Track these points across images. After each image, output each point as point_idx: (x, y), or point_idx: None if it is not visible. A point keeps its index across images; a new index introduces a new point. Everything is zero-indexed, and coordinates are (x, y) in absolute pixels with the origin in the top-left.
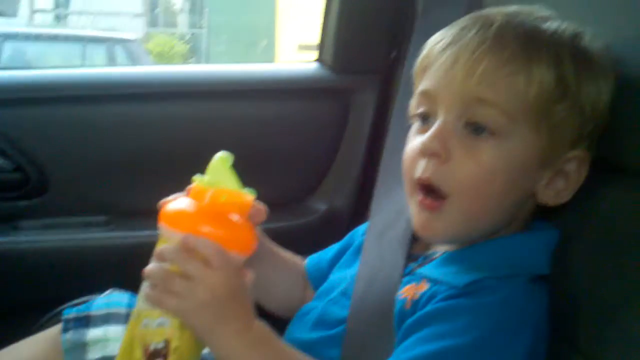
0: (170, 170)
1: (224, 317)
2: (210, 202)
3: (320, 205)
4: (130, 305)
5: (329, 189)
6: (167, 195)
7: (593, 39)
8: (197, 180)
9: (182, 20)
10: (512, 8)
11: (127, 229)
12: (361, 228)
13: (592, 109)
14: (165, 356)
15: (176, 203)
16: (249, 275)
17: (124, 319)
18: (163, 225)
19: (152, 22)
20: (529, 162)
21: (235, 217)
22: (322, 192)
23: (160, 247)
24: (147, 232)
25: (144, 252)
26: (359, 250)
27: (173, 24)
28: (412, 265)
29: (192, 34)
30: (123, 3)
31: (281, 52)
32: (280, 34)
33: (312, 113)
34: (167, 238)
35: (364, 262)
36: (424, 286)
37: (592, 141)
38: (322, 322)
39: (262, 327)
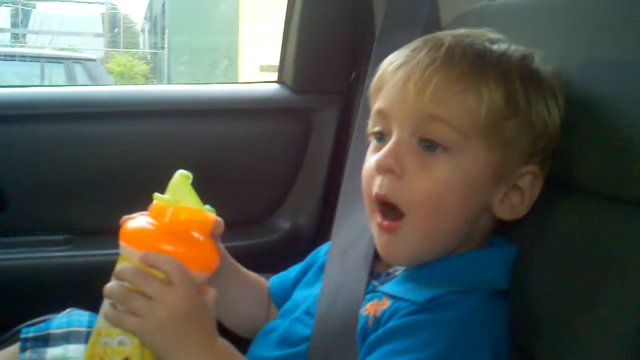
0: (131, 189)
1: (184, 336)
2: (170, 220)
3: (283, 224)
4: (90, 325)
5: (292, 207)
6: (129, 214)
7: (542, 61)
8: (158, 199)
9: (143, 41)
10: (463, 31)
11: (88, 247)
12: (324, 247)
13: (543, 126)
14: None
15: (136, 221)
16: (211, 293)
17: (85, 338)
18: (123, 244)
19: (113, 42)
20: (482, 177)
21: (196, 234)
22: (285, 211)
23: (120, 265)
24: (107, 251)
25: (105, 271)
26: (321, 269)
27: (134, 45)
28: (374, 282)
29: (153, 54)
30: (83, 23)
31: (243, 73)
32: (242, 54)
33: (273, 132)
34: (127, 256)
35: (327, 280)
36: (386, 303)
37: (544, 158)
38: (285, 340)
39: (224, 346)
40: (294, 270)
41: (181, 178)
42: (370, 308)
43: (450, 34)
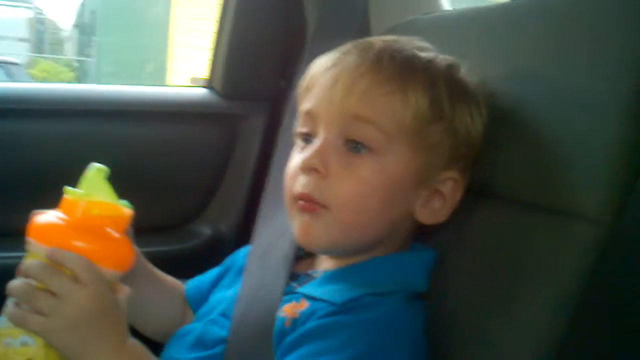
0: (47, 190)
1: (93, 336)
2: (82, 214)
3: (204, 230)
4: None
5: (215, 214)
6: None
7: (467, 72)
8: (69, 193)
9: (70, 48)
10: (392, 37)
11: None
12: (242, 250)
13: (466, 133)
14: None
15: (46, 216)
16: (125, 291)
17: None
18: (30, 240)
19: (38, 48)
20: (406, 179)
21: (110, 231)
22: (207, 217)
23: (25, 261)
24: (16, 254)
25: (13, 274)
26: (240, 272)
27: (60, 51)
28: (293, 284)
29: (80, 62)
30: (6, 27)
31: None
32: (172, 67)
33: (199, 137)
34: (35, 253)
35: (246, 282)
36: (304, 304)
37: (466, 164)
38: (200, 343)
39: (135, 347)
40: (210, 274)
41: (95, 172)
42: (288, 310)
43: (380, 39)
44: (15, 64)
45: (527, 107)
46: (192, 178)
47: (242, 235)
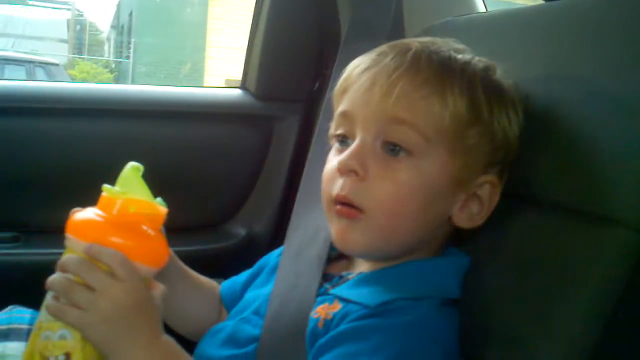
0: (84, 189)
1: (127, 330)
2: (119, 212)
3: (239, 230)
4: (32, 322)
5: (249, 214)
6: None
7: (503, 74)
8: (107, 190)
9: (108, 49)
10: (429, 38)
11: (36, 246)
12: (276, 251)
13: (503, 136)
14: None
15: (84, 213)
16: (160, 288)
17: (25, 335)
18: (69, 236)
19: (77, 49)
20: (444, 183)
21: (145, 228)
22: (242, 217)
23: (64, 257)
24: (55, 250)
25: (51, 270)
26: (273, 270)
27: (98, 52)
28: (327, 285)
29: (118, 63)
30: (47, 28)
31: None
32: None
33: (234, 138)
34: (73, 248)
35: (279, 280)
36: (337, 306)
37: (503, 168)
38: (233, 340)
39: (168, 343)
40: (244, 275)
41: (131, 170)
42: (321, 311)
43: (416, 40)
44: (55, 64)
45: (564, 110)
46: (227, 178)
47: (276, 235)
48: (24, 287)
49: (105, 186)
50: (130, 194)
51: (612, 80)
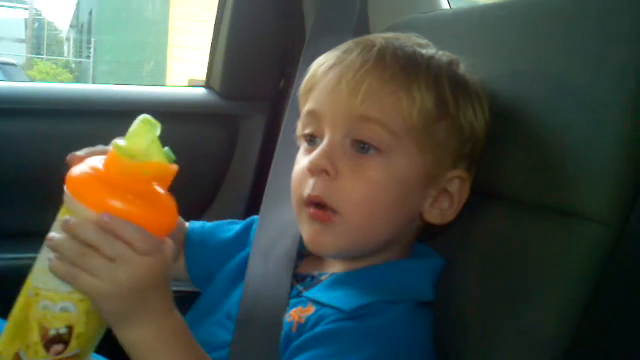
0: (54, 191)
1: (142, 305)
2: (131, 175)
3: None
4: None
5: (216, 214)
6: (51, 216)
7: (468, 68)
8: (118, 148)
9: (68, 49)
10: (392, 34)
11: (6, 251)
12: (253, 230)
13: (470, 130)
14: (67, 343)
15: (89, 170)
16: (170, 245)
17: None
18: (70, 196)
19: (36, 49)
20: (415, 179)
21: (158, 190)
22: (209, 217)
23: (72, 220)
24: (31, 255)
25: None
26: (244, 264)
27: (58, 52)
28: (299, 287)
29: (78, 64)
30: (4, 28)
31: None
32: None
33: (199, 138)
34: (75, 211)
35: (249, 283)
36: (311, 309)
37: (471, 163)
38: (206, 345)
39: (179, 320)
40: (226, 232)
41: (143, 124)
42: (295, 314)
43: (381, 36)
44: (13, 65)
45: (531, 107)
46: (193, 178)
47: None
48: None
49: (116, 142)
50: (142, 154)
51: (579, 78)
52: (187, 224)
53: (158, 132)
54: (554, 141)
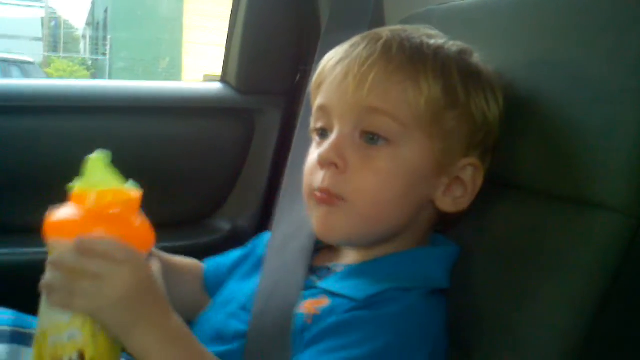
0: (63, 187)
1: (139, 309)
2: (95, 205)
3: (223, 225)
4: (15, 324)
5: (233, 209)
6: None
7: (484, 60)
8: (77, 186)
9: (84, 46)
10: (400, 26)
11: (14, 246)
12: (266, 237)
13: (482, 118)
14: None
15: (59, 213)
16: (155, 265)
17: (9, 337)
18: (52, 238)
19: (52, 47)
20: (425, 168)
21: (126, 215)
22: (225, 212)
23: (54, 255)
24: (34, 249)
25: (32, 269)
26: (260, 262)
27: (74, 50)
28: (313, 278)
29: (94, 61)
30: (21, 26)
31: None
32: (185, 64)
33: (216, 133)
34: (57, 249)
35: (265, 275)
36: (324, 301)
37: (484, 151)
38: (220, 336)
39: (180, 322)
40: (231, 257)
41: (96, 159)
42: (309, 306)
43: (388, 29)
44: (31, 63)
45: (548, 95)
46: (209, 173)
47: (261, 229)
48: (3, 286)
49: (74, 183)
50: (100, 184)
51: (597, 65)
52: (203, 265)
53: (109, 160)
54: (570, 131)
